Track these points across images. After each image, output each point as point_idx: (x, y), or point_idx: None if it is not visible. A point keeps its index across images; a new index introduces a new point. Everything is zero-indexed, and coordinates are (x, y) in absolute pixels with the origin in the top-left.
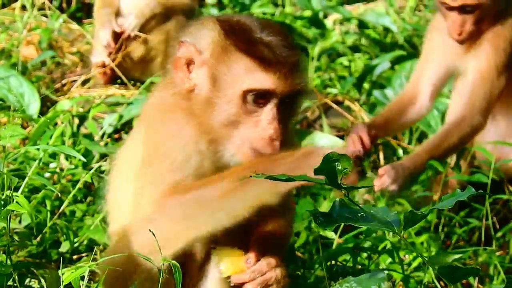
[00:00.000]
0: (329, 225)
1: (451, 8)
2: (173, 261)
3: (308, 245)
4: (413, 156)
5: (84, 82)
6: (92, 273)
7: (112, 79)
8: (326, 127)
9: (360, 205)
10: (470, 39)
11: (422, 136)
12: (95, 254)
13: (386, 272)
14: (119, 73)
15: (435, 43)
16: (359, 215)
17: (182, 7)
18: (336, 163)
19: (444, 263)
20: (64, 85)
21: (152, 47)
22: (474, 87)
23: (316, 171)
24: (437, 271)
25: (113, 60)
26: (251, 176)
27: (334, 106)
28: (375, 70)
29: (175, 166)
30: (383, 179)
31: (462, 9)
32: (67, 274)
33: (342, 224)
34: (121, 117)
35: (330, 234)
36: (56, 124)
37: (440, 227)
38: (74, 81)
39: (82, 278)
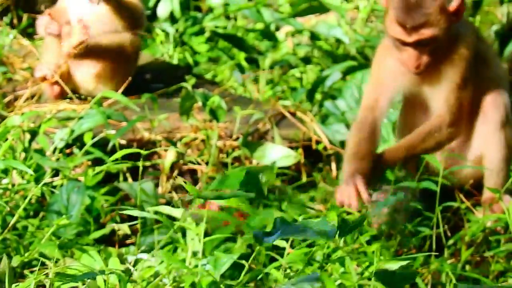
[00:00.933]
0: (271, 241)
1: (406, 44)
2: None
3: (260, 256)
4: (392, 150)
5: (34, 98)
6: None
7: (63, 94)
8: (278, 138)
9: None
10: (427, 69)
11: None
12: (45, 268)
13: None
14: (64, 86)
15: (389, 69)
16: (299, 229)
17: (130, 24)
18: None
19: (382, 269)
20: (15, 100)
21: (102, 63)
22: (451, 94)
23: (241, 186)
24: (375, 277)
25: (54, 75)
26: None
27: (288, 115)
28: (326, 81)
29: None
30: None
31: (417, 44)
32: None
33: None
34: (72, 131)
35: (282, 243)
36: (7, 140)
37: (394, 237)
38: (27, 97)
39: None
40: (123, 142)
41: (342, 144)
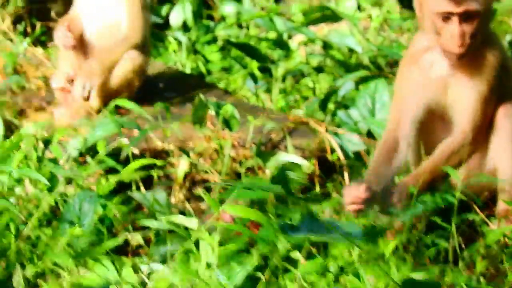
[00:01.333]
0: (296, 237)
1: (449, 18)
2: None
3: (274, 267)
4: (417, 175)
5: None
6: None
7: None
8: (290, 148)
9: (326, 218)
10: (467, 56)
11: None
12: (59, 277)
13: None
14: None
15: (414, 80)
16: (324, 228)
17: (134, 45)
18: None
19: (407, 279)
20: (28, 109)
21: (114, 86)
22: (478, 106)
23: (272, 181)
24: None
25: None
26: None
27: (303, 123)
28: (339, 91)
29: None
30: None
31: (463, 16)
32: None
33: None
34: (85, 140)
35: (295, 255)
36: (20, 148)
37: (410, 249)
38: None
39: None
40: (136, 151)
41: (355, 154)
